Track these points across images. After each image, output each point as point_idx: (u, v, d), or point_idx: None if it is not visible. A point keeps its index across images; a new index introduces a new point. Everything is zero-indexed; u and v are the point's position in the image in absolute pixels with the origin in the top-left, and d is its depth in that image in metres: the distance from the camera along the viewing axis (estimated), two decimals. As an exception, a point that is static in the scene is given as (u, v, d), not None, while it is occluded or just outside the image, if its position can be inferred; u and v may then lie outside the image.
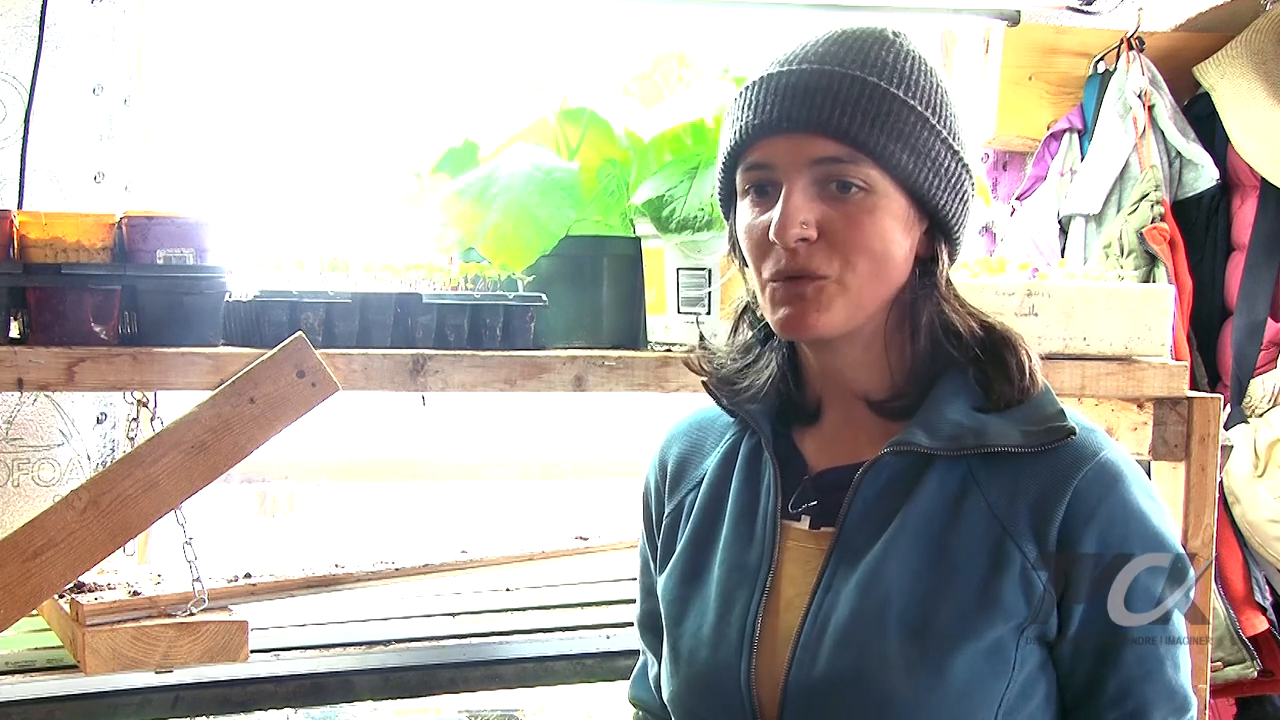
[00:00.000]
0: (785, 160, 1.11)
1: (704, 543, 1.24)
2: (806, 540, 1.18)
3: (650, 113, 1.82)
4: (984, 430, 1.13)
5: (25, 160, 1.99)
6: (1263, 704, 2.58)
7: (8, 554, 1.44)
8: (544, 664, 1.90)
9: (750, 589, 1.17)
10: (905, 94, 1.10)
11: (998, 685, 1.09)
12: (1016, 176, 2.69)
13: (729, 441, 1.28)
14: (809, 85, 1.10)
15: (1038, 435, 1.13)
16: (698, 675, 1.19)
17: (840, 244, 1.10)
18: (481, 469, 2.46)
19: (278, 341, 1.52)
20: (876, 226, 1.10)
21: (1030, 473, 1.12)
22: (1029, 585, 1.10)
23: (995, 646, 1.09)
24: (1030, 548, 1.10)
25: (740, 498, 1.23)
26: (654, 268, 1.76)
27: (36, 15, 1.99)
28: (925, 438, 1.13)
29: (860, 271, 1.11)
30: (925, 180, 1.11)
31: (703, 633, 1.19)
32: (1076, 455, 1.12)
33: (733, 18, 2.40)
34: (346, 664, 1.81)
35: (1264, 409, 2.46)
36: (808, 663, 1.12)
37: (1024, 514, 1.11)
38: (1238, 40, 2.53)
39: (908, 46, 1.14)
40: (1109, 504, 1.11)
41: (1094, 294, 1.80)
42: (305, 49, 2.34)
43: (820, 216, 1.10)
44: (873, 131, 1.09)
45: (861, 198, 1.10)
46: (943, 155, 1.12)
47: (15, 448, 2.01)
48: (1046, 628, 1.11)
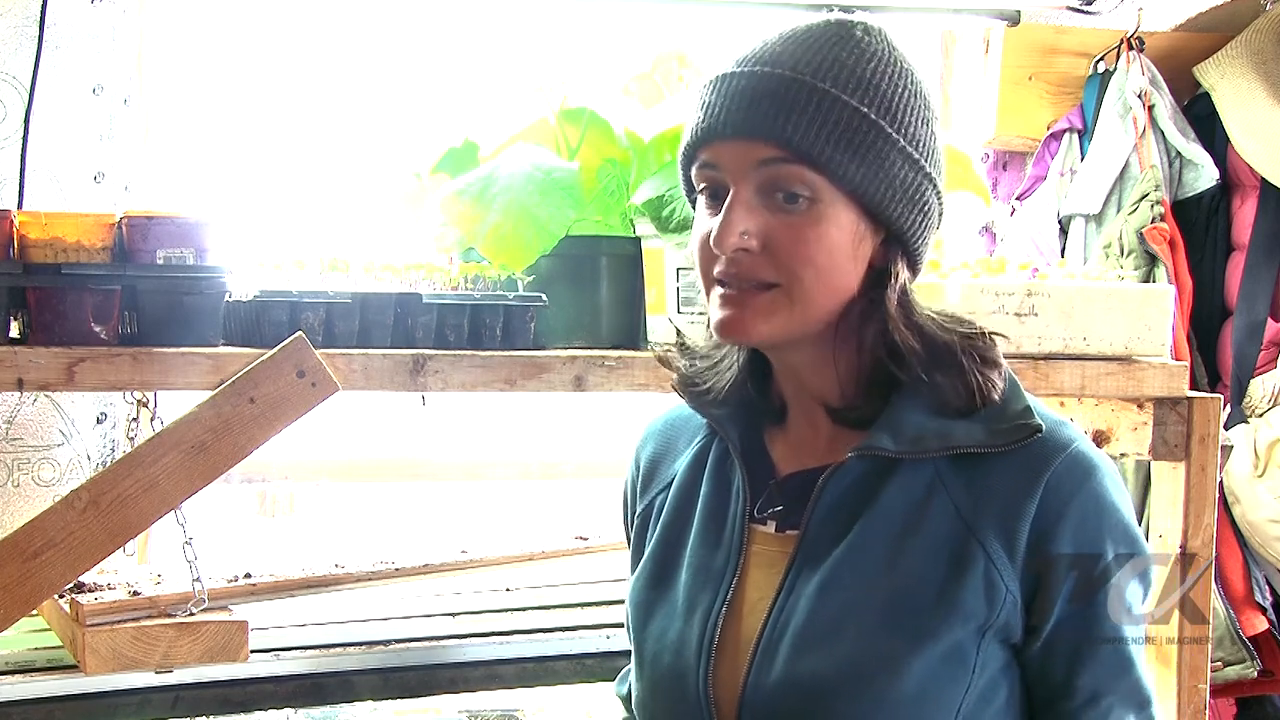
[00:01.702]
0: (731, 164, 1.09)
1: (672, 545, 1.23)
2: (772, 544, 1.17)
3: (650, 113, 1.82)
4: (949, 433, 1.11)
5: (25, 160, 1.99)
6: (1263, 704, 2.58)
7: (8, 554, 1.44)
8: (544, 664, 1.90)
9: (714, 593, 1.16)
10: (858, 100, 1.07)
11: (956, 689, 1.08)
12: (1016, 176, 2.69)
13: (700, 443, 1.27)
14: (756, 90, 1.08)
15: (1004, 434, 1.11)
16: (660, 679, 1.18)
17: (783, 256, 1.08)
18: (481, 469, 2.46)
19: (278, 341, 1.52)
20: (822, 239, 1.08)
21: (999, 470, 1.10)
22: (991, 586, 1.08)
23: (953, 649, 1.08)
24: (996, 547, 1.08)
25: (709, 501, 1.22)
26: (654, 268, 1.76)
27: (36, 15, 1.99)
28: (890, 441, 1.11)
29: (805, 284, 1.08)
30: (877, 191, 1.08)
31: (667, 636, 1.18)
32: (1047, 449, 1.10)
33: (733, 18, 2.40)
34: (346, 664, 1.81)
35: (1264, 409, 2.46)
36: (766, 667, 1.11)
37: (992, 513, 1.09)
38: (1238, 40, 2.53)
39: (874, 46, 1.10)
40: (1082, 497, 1.09)
41: (1094, 294, 1.80)
42: (305, 49, 2.35)
43: (763, 226, 1.08)
44: (817, 141, 1.06)
45: (806, 208, 1.07)
46: (898, 165, 1.09)
47: (15, 448, 2.01)
48: (1010, 629, 1.10)
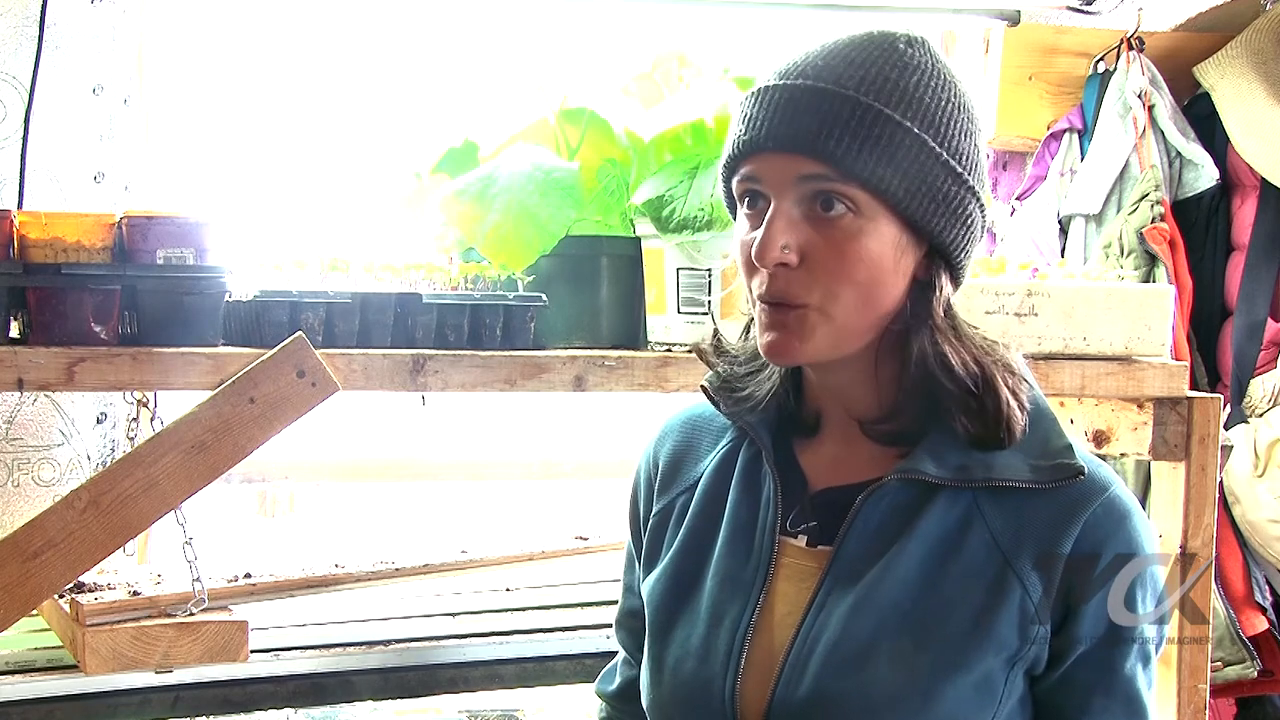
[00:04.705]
0: (772, 178, 1.09)
1: (697, 551, 1.22)
2: (803, 558, 1.16)
3: (650, 113, 1.82)
4: (992, 464, 1.11)
5: (25, 160, 1.99)
6: (1263, 704, 2.58)
7: (8, 554, 1.44)
8: (544, 664, 1.90)
9: (743, 603, 1.16)
10: (901, 114, 1.07)
11: (983, 717, 1.08)
12: (1016, 176, 2.69)
13: (727, 446, 1.26)
14: (798, 104, 1.07)
15: (1047, 471, 1.11)
16: (682, 687, 1.17)
17: (822, 272, 1.08)
18: (481, 469, 2.46)
19: (278, 341, 1.52)
20: (862, 253, 1.07)
21: (1038, 506, 1.11)
22: (1025, 618, 1.09)
23: (984, 678, 1.08)
24: (1033, 580, 1.09)
25: (738, 509, 1.21)
26: (654, 268, 1.76)
27: (36, 15, 1.99)
28: (933, 467, 1.11)
29: (844, 300, 1.08)
30: (919, 205, 1.08)
31: (690, 644, 1.17)
32: (1085, 490, 1.11)
33: (733, 18, 2.40)
34: (346, 664, 1.81)
35: (1264, 409, 2.46)
36: (794, 682, 1.10)
37: (1030, 546, 1.10)
38: (1238, 40, 2.53)
39: (918, 59, 1.10)
40: (1117, 541, 1.10)
41: (1094, 294, 1.80)
42: (305, 49, 2.35)
43: (804, 240, 1.08)
44: (860, 155, 1.05)
45: (848, 220, 1.07)
46: (941, 179, 1.08)
47: (15, 448, 2.01)
48: (1037, 662, 1.11)
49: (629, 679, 1.36)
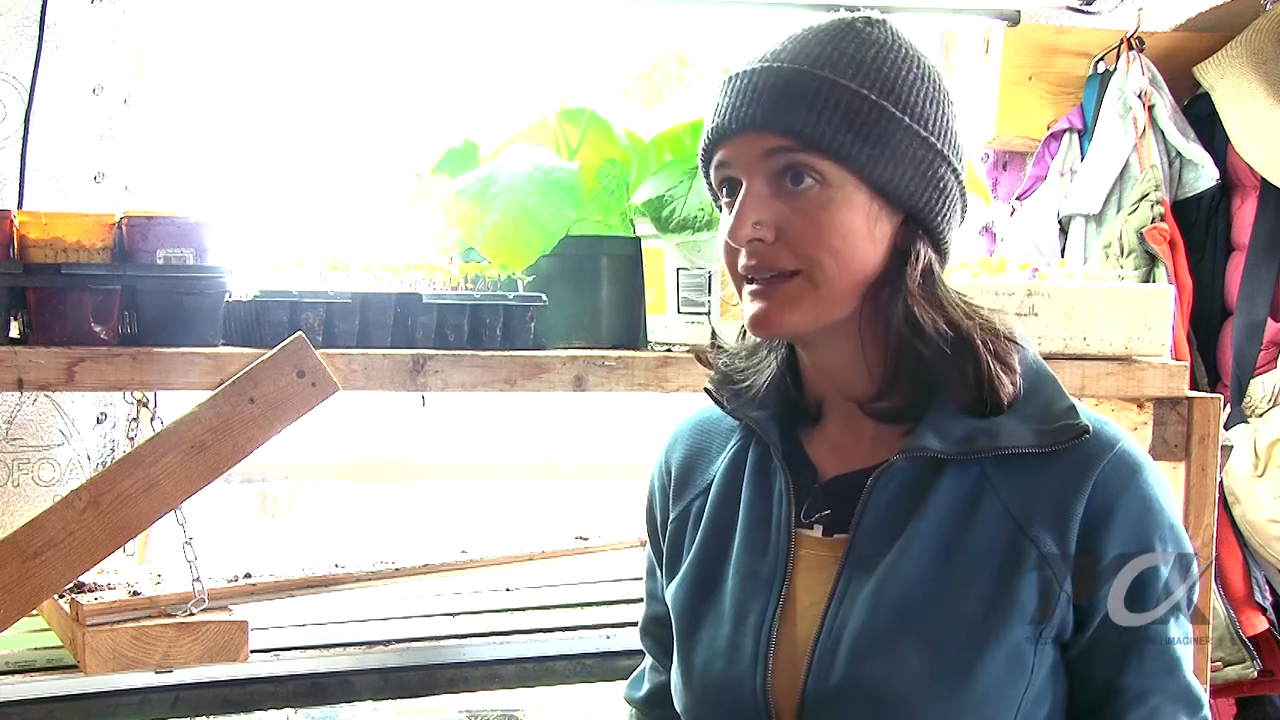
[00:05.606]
0: (741, 159, 1.11)
1: (715, 552, 1.23)
2: (820, 548, 1.17)
3: (650, 113, 1.82)
4: (996, 433, 1.12)
5: (25, 160, 1.99)
6: (1263, 704, 2.58)
7: (8, 554, 1.44)
8: (544, 664, 1.90)
9: (765, 598, 1.16)
10: (858, 84, 1.08)
11: (1016, 689, 1.08)
12: (1016, 176, 2.69)
13: (736, 446, 1.27)
14: (759, 85, 1.10)
15: (1052, 434, 1.11)
16: (712, 687, 1.18)
17: (798, 242, 1.09)
18: (481, 469, 2.46)
19: (278, 341, 1.52)
20: (835, 221, 1.09)
21: (1047, 470, 1.11)
22: (1045, 584, 1.09)
23: (1014, 649, 1.08)
24: (1049, 544, 1.09)
25: (752, 506, 1.22)
26: (654, 268, 1.76)
27: (36, 15, 1.99)
28: (937, 442, 1.11)
29: (824, 266, 1.09)
30: (885, 170, 1.09)
31: (717, 644, 1.18)
32: (1094, 448, 1.11)
33: (733, 18, 2.40)
34: (346, 664, 1.81)
35: (1264, 409, 2.46)
36: (824, 672, 1.11)
37: (1042, 511, 1.10)
38: (1238, 40, 2.53)
39: (876, 35, 1.12)
40: (1129, 495, 1.10)
41: (1094, 294, 1.80)
42: (306, 49, 2.35)
43: (776, 216, 1.09)
44: (819, 125, 1.07)
45: (816, 191, 1.09)
46: (905, 143, 1.09)
47: (15, 448, 2.01)
48: (1064, 627, 1.10)
49: (657, 684, 1.37)
